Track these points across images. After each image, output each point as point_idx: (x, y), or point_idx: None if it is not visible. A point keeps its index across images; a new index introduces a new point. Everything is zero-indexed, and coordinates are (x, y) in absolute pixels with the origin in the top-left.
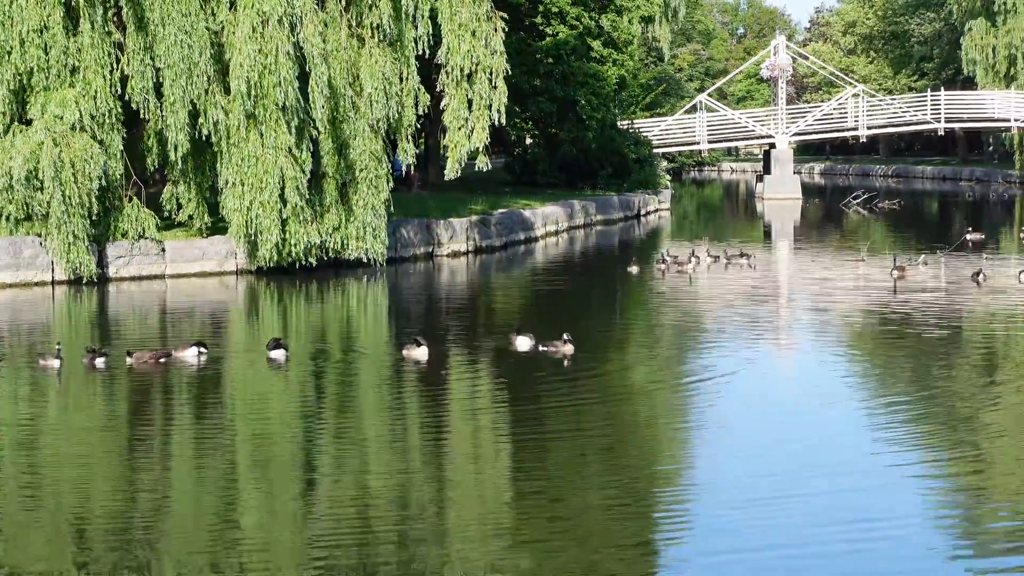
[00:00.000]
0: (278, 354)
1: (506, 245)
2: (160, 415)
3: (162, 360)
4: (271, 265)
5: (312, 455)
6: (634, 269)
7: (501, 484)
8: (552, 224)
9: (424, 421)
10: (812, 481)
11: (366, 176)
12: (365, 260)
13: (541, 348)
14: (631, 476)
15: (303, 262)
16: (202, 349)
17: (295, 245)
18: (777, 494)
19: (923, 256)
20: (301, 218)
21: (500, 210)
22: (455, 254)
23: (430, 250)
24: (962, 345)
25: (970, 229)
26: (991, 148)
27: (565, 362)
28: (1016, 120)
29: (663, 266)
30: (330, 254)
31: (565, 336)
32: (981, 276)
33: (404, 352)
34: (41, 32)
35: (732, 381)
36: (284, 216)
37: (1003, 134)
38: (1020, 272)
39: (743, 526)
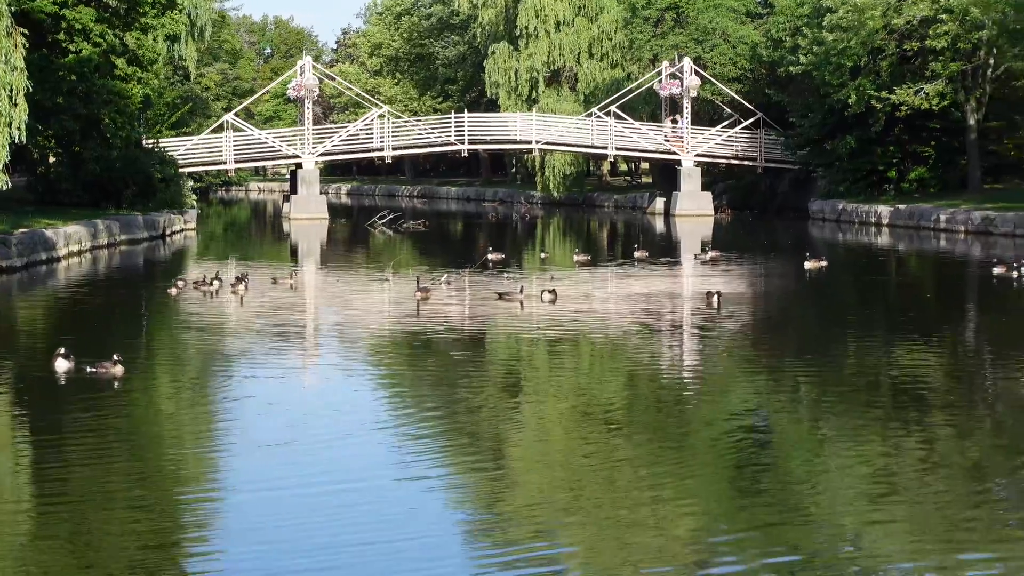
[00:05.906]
0: None
1: (27, 265)
2: None
3: None
4: None
5: None
6: (173, 291)
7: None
8: (75, 244)
9: None
10: (338, 498)
11: None
12: None
13: (89, 370)
14: (159, 499)
15: None
16: None
17: None
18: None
19: (445, 276)
20: None
21: (21, 230)
22: None
23: None
24: (486, 362)
25: (491, 249)
26: (514, 170)
27: (115, 383)
28: (537, 142)
29: (208, 287)
30: None
31: (115, 356)
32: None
33: None
34: None
35: (264, 400)
36: None
37: (525, 156)
38: (543, 291)
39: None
